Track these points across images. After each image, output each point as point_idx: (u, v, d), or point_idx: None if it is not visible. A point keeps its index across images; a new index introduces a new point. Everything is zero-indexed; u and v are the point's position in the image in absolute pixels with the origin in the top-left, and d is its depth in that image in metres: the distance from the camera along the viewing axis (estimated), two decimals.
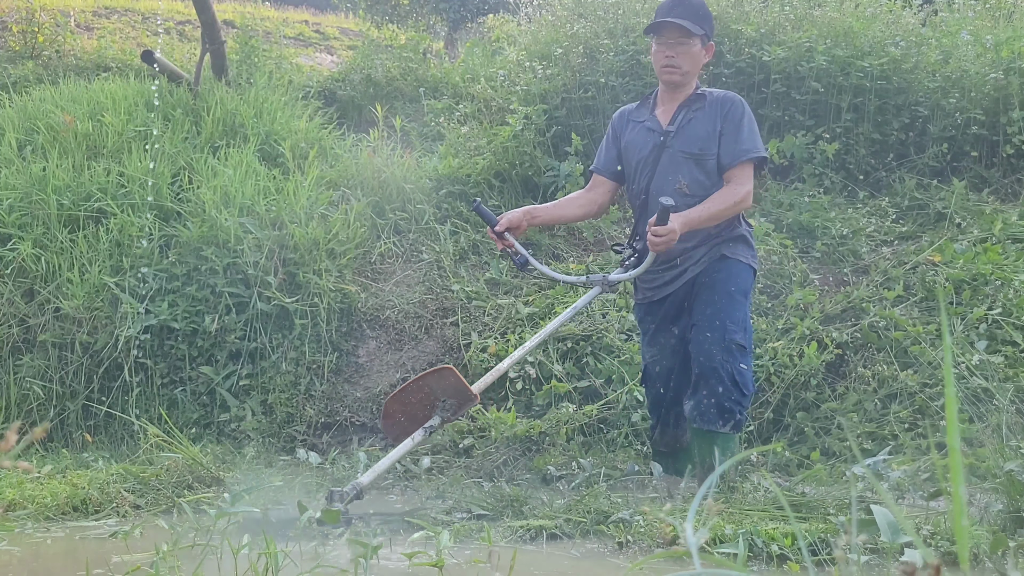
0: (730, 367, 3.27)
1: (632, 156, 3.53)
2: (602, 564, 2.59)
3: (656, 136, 3.45)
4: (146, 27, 9.68)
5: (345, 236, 5.05)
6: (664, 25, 3.34)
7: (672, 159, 3.41)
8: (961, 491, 0.79)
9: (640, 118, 3.55)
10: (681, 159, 3.39)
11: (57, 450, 4.39)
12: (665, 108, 3.49)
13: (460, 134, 5.98)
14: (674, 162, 3.40)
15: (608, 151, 3.62)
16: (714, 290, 3.35)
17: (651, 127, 3.49)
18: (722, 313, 3.30)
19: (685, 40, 3.34)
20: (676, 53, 3.34)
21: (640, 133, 3.52)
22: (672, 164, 3.41)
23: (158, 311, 4.59)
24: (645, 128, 3.51)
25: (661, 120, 3.48)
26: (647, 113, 3.54)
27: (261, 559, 2.08)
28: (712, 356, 3.27)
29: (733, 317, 3.31)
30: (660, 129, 3.46)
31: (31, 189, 5.07)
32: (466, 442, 4.00)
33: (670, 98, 3.48)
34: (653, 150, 3.44)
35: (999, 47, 5.64)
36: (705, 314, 3.33)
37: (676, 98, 3.46)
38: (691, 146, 3.39)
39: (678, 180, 3.38)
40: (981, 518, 2.61)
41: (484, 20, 10.74)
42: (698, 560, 1.01)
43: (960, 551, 0.82)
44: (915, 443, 3.69)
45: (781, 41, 5.67)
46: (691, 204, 3.30)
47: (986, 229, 4.95)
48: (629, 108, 3.67)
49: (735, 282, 3.35)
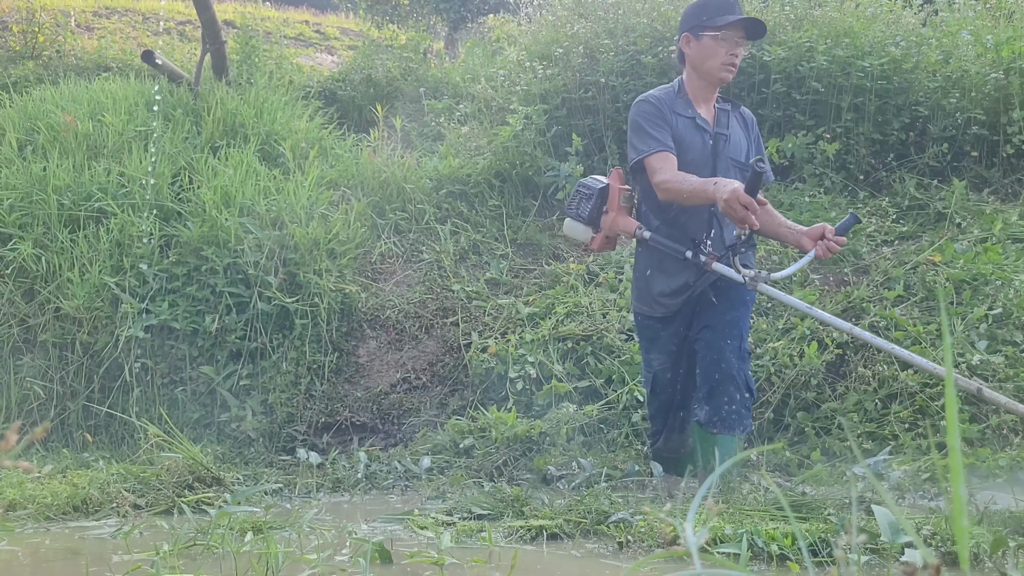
0: (744, 374, 3.31)
1: (685, 153, 3.30)
2: (602, 564, 2.59)
3: (707, 136, 3.34)
4: (146, 27, 9.69)
5: (345, 236, 5.05)
6: (742, 22, 3.24)
7: (725, 164, 3.34)
8: (961, 491, 0.79)
9: (685, 112, 3.34)
10: (730, 165, 3.34)
11: (57, 450, 4.39)
12: (703, 108, 3.37)
13: (460, 134, 5.98)
14: (727, 167, 3.33)
15: (665, 132, 3.29)
16: (731, 298, 3.34)
17: (701, 125, 3.34)
18: (740, 322, 3.31)
19: (746, 41, 3.30)
20: (738, 53, 3.28)
21: (690, 129, 3.33)
22: (726, 169, 3.32)
23: (158, 311, 4.59)
24: (695, 124, 3.34)
25: (708, 120, 3.37)
26: (691, 108, 3.35)
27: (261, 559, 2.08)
28: (731, 364, 3.27)
29: (745, 326, 3.37)
30: (710, 130, 3.35)
31: (31, 189, 5.07)
32: (466, 442, 4.00)
33: (705, 97, 3.37)
34: (709, 150, 3.33)
35: (999, 47, 5.63)
36: (724, 321, 3.30)
37: (711, 99, 3.39)
38: (738, 154, 3.37)
39: None
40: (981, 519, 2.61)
41: (484, 20, 10.75)
42: (698, 560, 1.01)
43: (960, 551, 0.82)
44: (915, 443, 3.69)
45: (781, 41, 5.67)
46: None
47: (986, 229, 4.94)
48: (666, 97, 3.37)
49: (748, 292, 3.35)
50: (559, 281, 4.98)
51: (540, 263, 5.23)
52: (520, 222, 5.53)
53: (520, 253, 5.36)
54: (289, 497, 3.67)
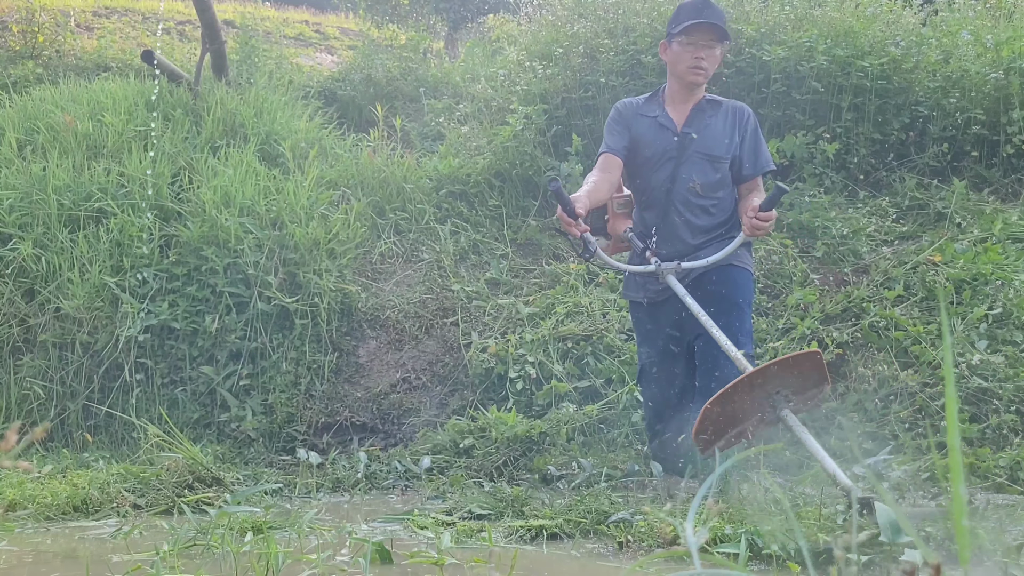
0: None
1: (644, 150, 3.53)
2: (602, 564, 2.59)
3: (670, 135, 3.51)
4: (146, 27, 9.69)
5: (345, 236, 5.05)
6: (701, 26, 3.39)
7: (691, 160, 3.49)
8: (961, 491, 0.79)
9: (651, 112, 3.55)
10: (699, 160, 3.48)
11: (57, 450, 4.39)
12: (677, 108, 3.54)
13: (460, 134, 5.98)
14: (692, 162, 3.49)
15: (620, 135, 3.54)
16: (724, 303, 3.39)
17: (664, 124, 3.52)
18: (734, 326, 3.34)
19: (715, 43, 3.43)
20: (705, 55, 3.42)
21: (652, 128, 3.53)
22: (690, 164, 3.49)
23: (158, 311, 4.59)
24: (657, 123, 3.53)
25: (675, 119, 3.53)
26: (658, 109, 3.56)
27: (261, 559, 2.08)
28: (727, 373, 3.29)
29: (744, 329, 3.39)
30: (674, 128, 3.51)
31: (31, 189, 5.07)
32: (466, 442, 3.99)
33: (683, 98, 3.54)
34: (672, 148, 3.50)
35: (999, 47, 5.63)
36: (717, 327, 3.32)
37: (689, 99, 3.53)
38: (712, 149, 3.48)
39: (692, 180, 3.48)
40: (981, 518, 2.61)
41: (484, 20, 10.75)
42: (698, 560, 1.01)
43: (961, 551, 0.82)
44: (915, 443, 3.69)
45: (781, 41, 5.67)
46: (702, 204, 3.45)
47: (986, 229, 4.94)
48: (635, 101, 3.64)
49: (742, 293, 3.44)
50: (559, 281, 4.98)
51: (540, 263, 5.23)
52: (520, 222, 5.53)
53: (520, 253, 5.36)
54: (289, 497, 3.67)
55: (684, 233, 3.50)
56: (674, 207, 3.50)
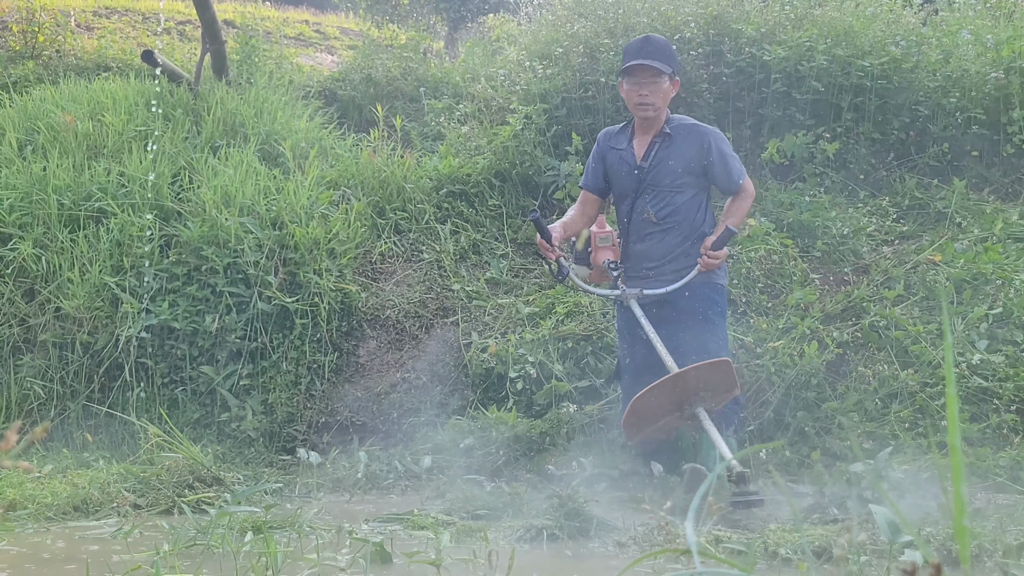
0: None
1: (613, 183, 3.84)
2: (602, 564, 2.59)
3: (630, 169, 3.75)
4: (146, 27, 9.68)
5: (345, 236, 5.05)
6: (636, 67, 3.62)
7: (646, 192, 3.72)
8: (962, 491, 0.79)
9: (619, 146, 3.82)
10: (653, 191, 3.71)
11: (58, 450, 4.39)
12: (640, 140, 3.77)
13: (460, 134, 5.97)
14: (648, 194, 3.72)
15: (596, 169, 3.88)
16: (696, 316, 3.60)
17: (626, 159, 3.77)
18: (703, 337, 3.55)
19: (655, 79, 3.63)
20: (649, 92, 3.64)
21: (617, 162, 3.80)
22: (645, 197, 3.72)
23: (159, 311, 4.59)
24: (620, 157, 3.79)
25: (636, 152, 3.76)
26: (625, 142, 3.81)
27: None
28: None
29: (715, 338, 3.60)
30: (634, 162, 3.75)
31: (31, 189, 5.07)
32: (466, 442, 3.99)
33: (643, 131, 3.77)
34: (632, 181, 3.74)
35: (1000, 46, 5.63)
36: (684, 340, 3.55)
37: (649, 131, 3.75)
38: (666, 179, 3.69)
39: (647, 210, 3.71)
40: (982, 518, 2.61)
41: (484, 20, 10.74)
42: (698, 560, 1.01)
43: (961, 551, 0.82)
44: (916, 443, 3.69)
45: (781, 40, 5.67)
46: (656, 231, 3.70)
47: (987, 228, 4.94)
48: (612, 131, 3.91)
49: (713, 307, 3.65)
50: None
51: (540, 263, 5.23)
52: (520, 222, 5.53)
53: (520, 253, 5.36)
54: (289, 497, 3.67)
55: (644, 260, 3.74)
56: (636, 234, 3.76)
